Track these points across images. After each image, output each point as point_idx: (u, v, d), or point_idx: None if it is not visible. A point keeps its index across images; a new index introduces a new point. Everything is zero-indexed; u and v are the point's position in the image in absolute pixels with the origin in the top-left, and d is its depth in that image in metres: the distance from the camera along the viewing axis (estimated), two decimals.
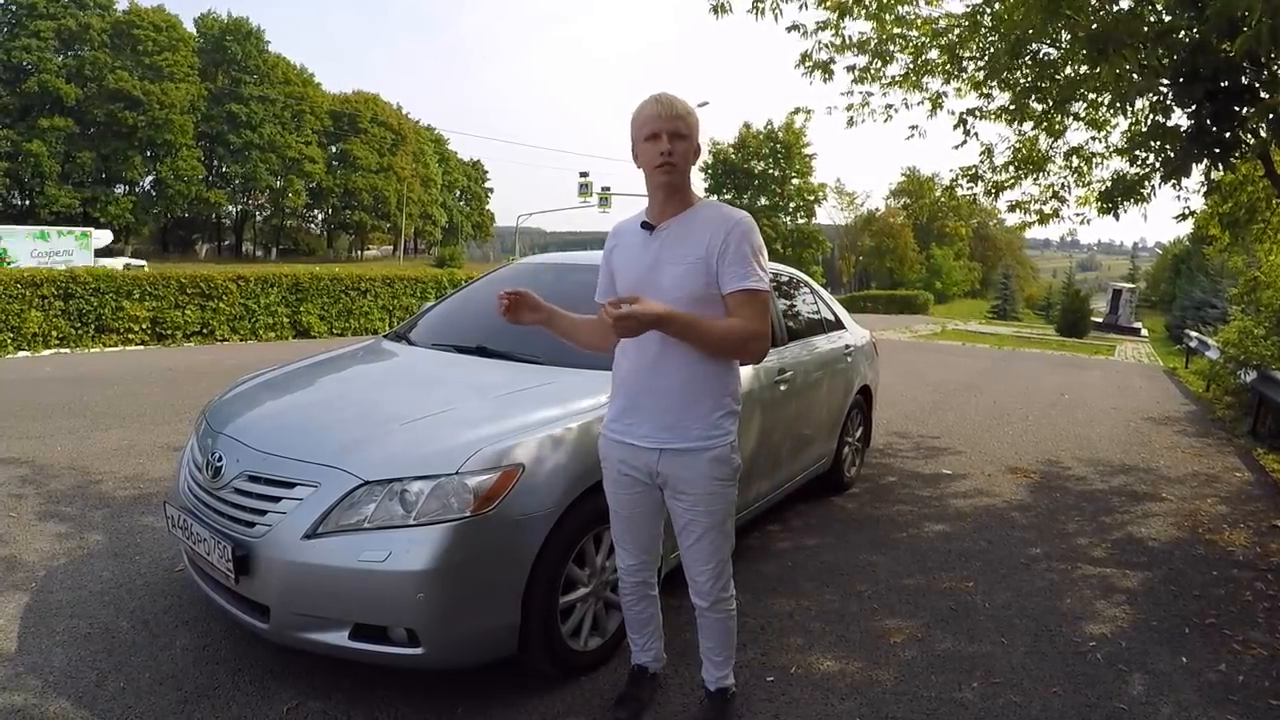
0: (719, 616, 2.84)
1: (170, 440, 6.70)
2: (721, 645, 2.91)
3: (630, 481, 2.73)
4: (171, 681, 3.13)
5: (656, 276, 2.55)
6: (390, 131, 75.88)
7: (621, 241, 2.74)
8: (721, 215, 2.59)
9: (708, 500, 2.64)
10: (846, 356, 5.84)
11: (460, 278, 18.29)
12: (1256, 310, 11.78)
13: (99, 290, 12.70)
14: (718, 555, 2.73)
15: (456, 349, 4.11)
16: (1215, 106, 5.08)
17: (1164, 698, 3.42)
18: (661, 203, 2.61)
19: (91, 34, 57.54)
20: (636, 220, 2.71)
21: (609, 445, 2.77)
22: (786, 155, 58.99)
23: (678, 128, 2.49)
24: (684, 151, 2.52)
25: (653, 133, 2.50)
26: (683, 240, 2.56)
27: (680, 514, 2.70)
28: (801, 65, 7.63)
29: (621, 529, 2.85)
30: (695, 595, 2.81)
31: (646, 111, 2.52)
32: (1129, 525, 5.82)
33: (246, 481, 3.04)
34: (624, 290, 2.60)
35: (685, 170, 2.58)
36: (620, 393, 2.72)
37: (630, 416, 2.67)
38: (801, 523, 5.42)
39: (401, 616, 2.76)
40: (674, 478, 2.64)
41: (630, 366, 2.65)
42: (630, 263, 2.66)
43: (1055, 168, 8.28)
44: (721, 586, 2.78)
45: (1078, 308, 37.15)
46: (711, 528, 2.68)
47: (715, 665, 2.95)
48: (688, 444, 2.60)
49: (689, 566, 2.78)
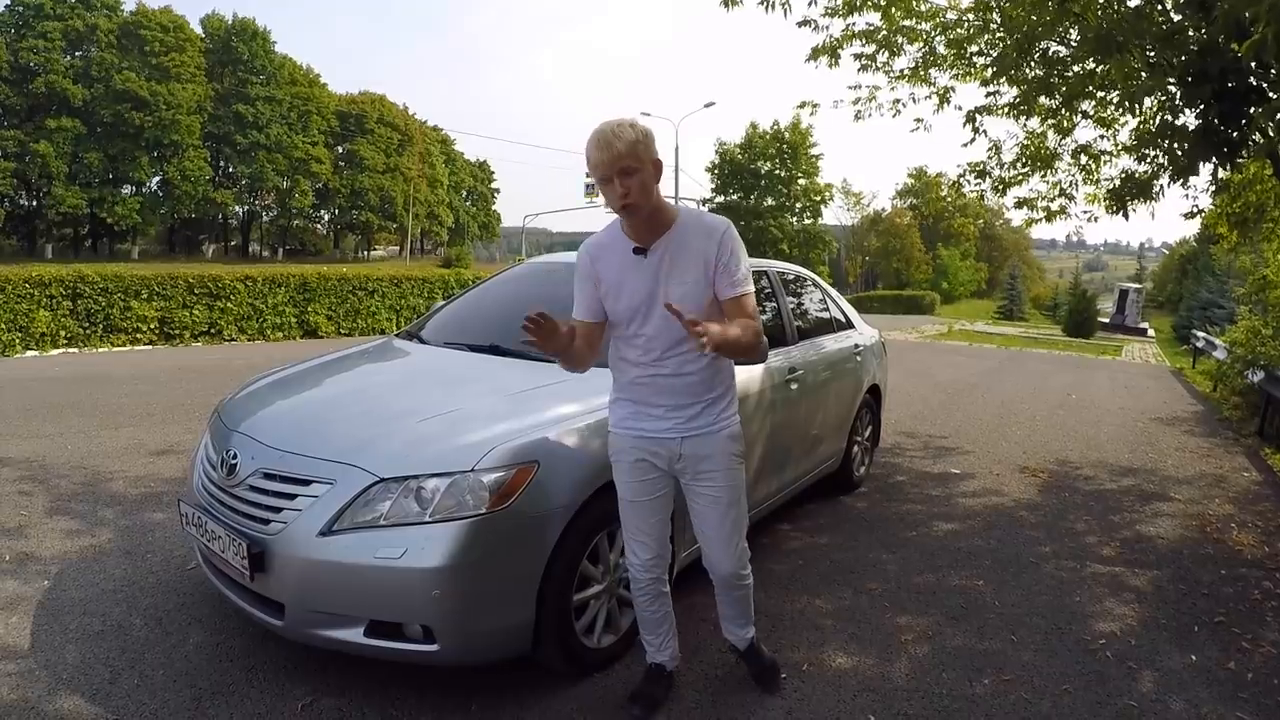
0: (741, 592, 3.07)
1: (180, 439, 6.72)
2: (742, 612, 3.16)
3: (646, 467, 2.84)
4: (185, 679, 3.15)
5: (663, 294, 2.64)
6: (397, 132, 75.79)
7: (604, 260, 2.75)
8: (706, 228, 2.69)
9: (728, 475, 2.83)
10: (856, 355, 5.84)
11: (467, 278, 18.34)
12: (1264, 310, 11.75)
13: (107, 290, 12.76)
14: (738, 532, 2.92)
15: (470, 347, 4.12)
16: (1223, 106, 5.08)
17: (1174, 695, 3.43)
18: (642, 229, 2.68)
19: (98, 35, 57.58)
20: (611, 237, 2.76)
21: (623, 439, 2.87)
22: (793, 155, 58.95)
23: (626, 165, 2.50)
24: (640, 184, 2.54)
25: (603, 177, 2.54)
26: (679, 259, 2.66)
27: (701, 495, 2.85)
28: (811, 58, 7.62)
29: (634, 517, 2.90)
30: (719, 576, 3.00)
31: (591, 156, 2.53)
32: (1137, 524, 5.82)
33: (261, 479, 3.05)
34: (628, 310, 2.71)
35: (648, 197, 2.60)
36: (630, 393, 2.84)
37: (646, 415, 2.80)
38: (811, 522, 5.43)
39: (417, 613, 2.77)
40: (695, 458, 2.80)
41: (640, 371, 2.77)
42: (629, 285, 2.70)
43: (1063, 165, 8.27)
44: (742, 565, 2.98)
45: (1084, 308, 37.13)
46: (732, 503, 2.86)
47: (739, 626, 3.19)
48: (707, 428, 2.79)
49: (713, 548, 2.92)
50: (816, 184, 60.19)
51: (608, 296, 2.75)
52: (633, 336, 2.75)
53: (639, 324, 2.71)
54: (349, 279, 16.31)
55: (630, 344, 2.77)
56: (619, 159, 2.49)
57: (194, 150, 61.75)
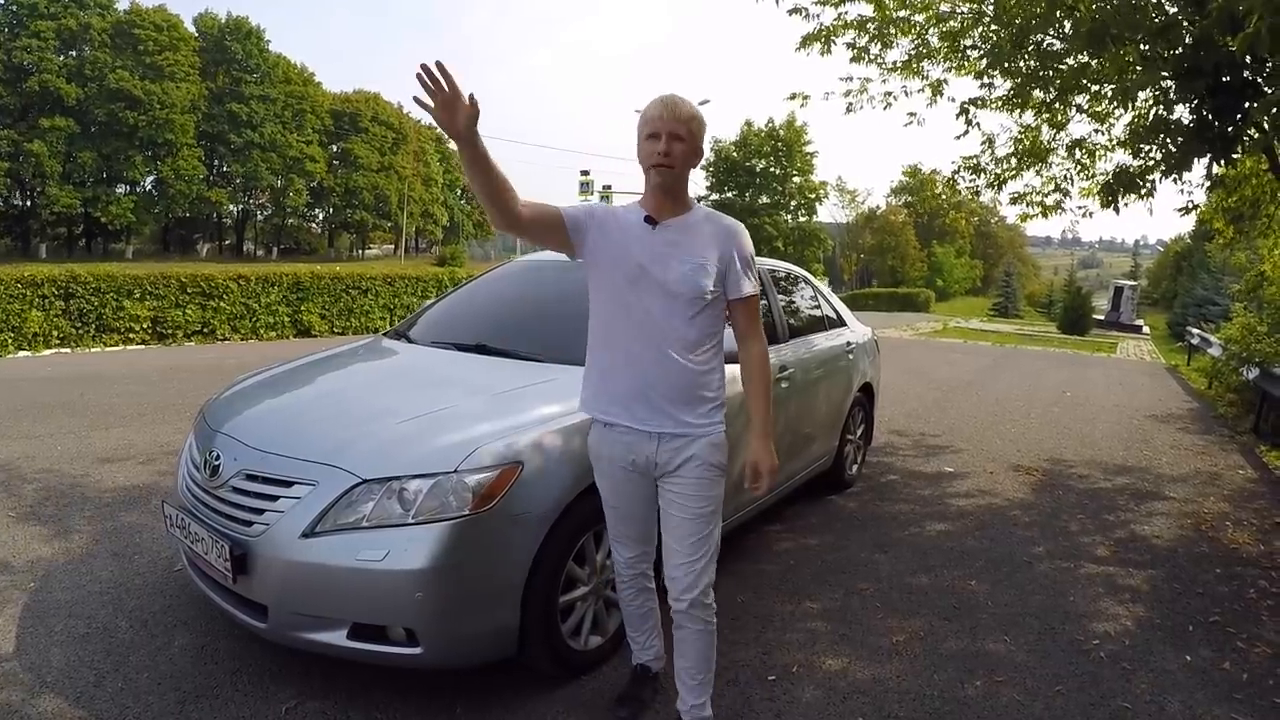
0: (697, 628, 2.71)
1: (170, 440, 6.68)
2: (699, 664, 2.76)
3: (625, 473, 2.72)
4: (170, 681, 3.12)
5: (661, 270, 2.57)
6: (391, 130, 75.79)
7: (615, 219, 2.68)
8: (723, 225, 2.68)
9: (698, 485, 2.63)
10: (848, 354, 5.82)
11: (461, 276, 18.28)
12: (1259, 307, 11.74)
13: (99, 290, 12.68)
14: (701, 549, 2.66)
15: (456, 347, 4.08)
16: (1217, 101, 5.06)
17: (1169, 696, 3.40)
18: (659, 200, 2.64)
19: (92, 34, 57.48)
20: (626, 212, 2.71)
21: (602, 435, 2.75)
22: (788, 153, 58.98)
23: (678, 130, 2.54)
24: (681, 154, 2.56)
25: (653, 132, 2.55)
26: (687, 241, 2.61)
27: (670, 500, 2.68)
28: (803, 46, 7.59)
29: (617, 521, 2.84)
30: (673, 595, 2.69)
31: (651, 111, 2.57)
32: (1132, 523, 5.80)
33: (244, 480, 3.02)
34: (623, 275, 2.60)
35: (682, 173, 2.61)
36: (611, 381, 2.68)
37: (628, 404, 2.64)
38: (803, 521, 5.40)
39: (400, 616, 2.74)
40: (671, 462, 2.64)
41: (624, 364, 2.64)
42: (630, 247, 2.61)
43: (1058, 159, 8.25)
44: (702, 589, 2.67)
45: (1079, 305, 37.09)
46: (699, 516, 2.64)
47: (690, 691, 2.78)
48: (687, 430, 2.62)
49: (670, 559, 2.69)
50: (811, 181, 60.25)
51: (610, 250, 2.63)
52: (623, 309, 2.62)
53: (629, 288, 2.60)
54: (342, 278, 16.25)
55: (619, 320, 2.64)
56: (678, 121, 2.54)
57: (188, 149, 61.72)
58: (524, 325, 4.26)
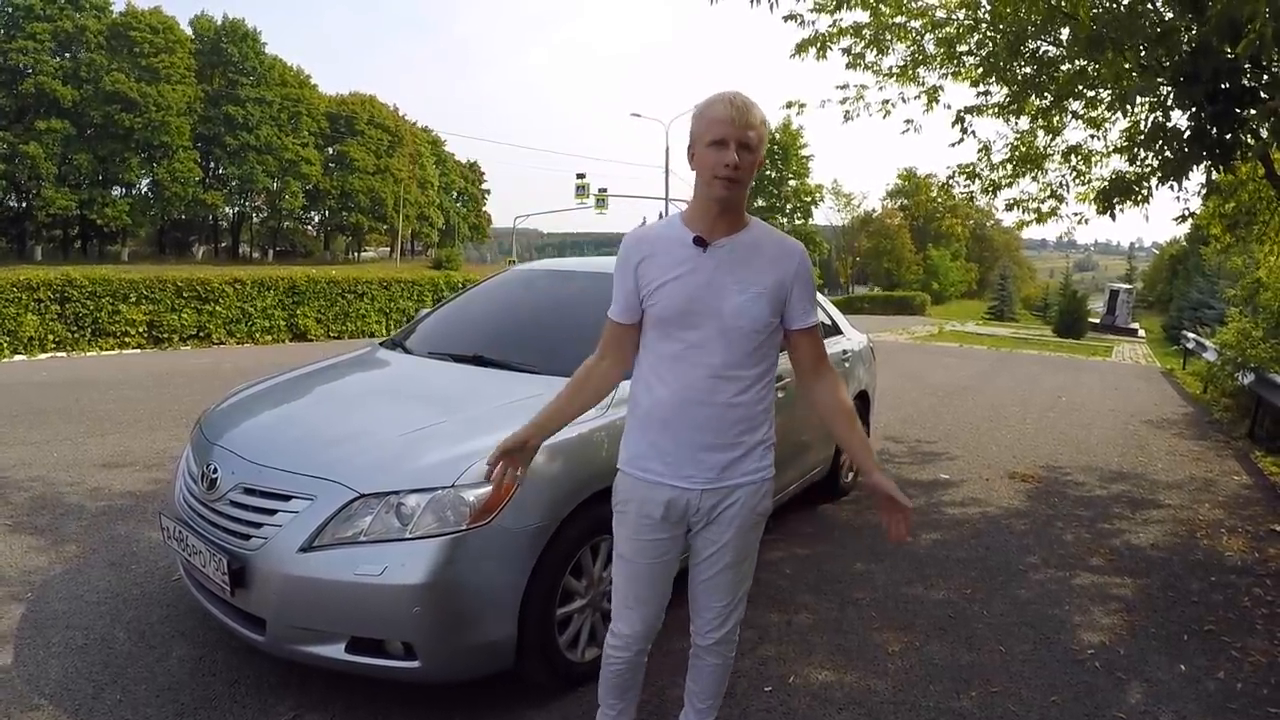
0: (716, 662, 2.58)
1: (167, 446, 6.68)
2: (712, 691, 2.64)
3: (655, 524, 2.37)
4: (168, 693, 3.12)
5: (715, 301, 2.25)
6: (387, 133, 75.76)
7: (657, 254, 2.32)
8: (785, 247, 2.37)
9: (741, 534, 2.40)
10: (844, 361, 5.82)
11: (457, 280, 18.30)
12: (1255, 311, 11.76)
13: (95, 294, 12.69)
14: (734, 593, 2.49)
15: (453, 358, 4.08)
16: (1215, 108, 5.06)
17: (1163, 706, 3.42)
18: (715, 216, 2.28)
19: (88, 36, 57.36)
20: (669, 229, 2.36)
21: (636, 486, 2.39)
22: (784, 156, 58.99)
23: (748, 138, 2.18)
24: (750, 165, 2.21)
25: (719, 138, 2.17)
26: (745, 265, 2.28)
27: (706, 545, 2.41)
28: (798, 52, 7.59)
29: (635, 582, 2.47)
30: (698, 633, 2.54)
31: (717, 112, 2.19)
32: (1127, 531, 5.81)
33: (242, 494, 3.03)
34: (670, 309, 2.28)
35: (747, 186, 2.28)
36: (653, 427, 2.35)
37: (670, 454, 2.33)
38: (799, 530, 5.40)
39: (398, 630, 2.75)
40: (712, 510, 2.36)
41: (671, 400, 2.31)
42: (680, 281, 2.27)
43: (1054, 166, 8.26)
44: (730, 629, 2.53)
45: (1075, 308, 37.23)
46: (737, 563, 2.44)
47: (698, 713, 2.66)
48: (735, 480, 2.35)
49: (699, 600, 2.51)
50: (807, 185, 60.32)
51: (656, 294, 2.29)
52: (675, 346, 2.30)
53: (678, 320, 2.28)
54: (338, 282, 16.26)
55: (667, 358, 2.32)
56: (749, 126, 2.18)
57: (184, 151, 61.64)
58: (521, 336, 4.25)
